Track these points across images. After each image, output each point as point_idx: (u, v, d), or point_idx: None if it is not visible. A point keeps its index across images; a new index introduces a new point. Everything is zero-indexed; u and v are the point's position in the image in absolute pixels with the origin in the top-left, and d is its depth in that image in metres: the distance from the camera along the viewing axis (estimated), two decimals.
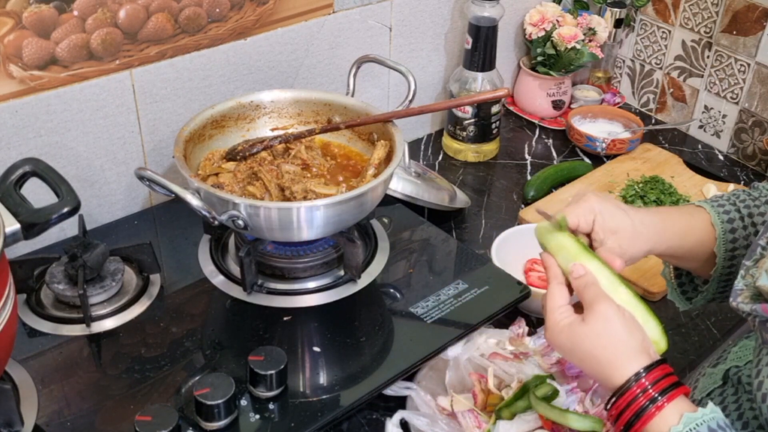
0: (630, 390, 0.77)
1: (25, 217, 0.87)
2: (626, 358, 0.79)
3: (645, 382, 0.77)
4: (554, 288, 0.85)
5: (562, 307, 0.83)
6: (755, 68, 1.60)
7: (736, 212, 0.98)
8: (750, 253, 0.85)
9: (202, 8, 1.23)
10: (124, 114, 1.23)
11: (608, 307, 0.80)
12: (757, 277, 0.81)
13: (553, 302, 0.84)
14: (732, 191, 1.02)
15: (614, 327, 0.79)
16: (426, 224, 1.30)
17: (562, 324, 0.82)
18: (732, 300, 0.82)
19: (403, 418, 0.98)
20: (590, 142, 1.64)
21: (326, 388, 1.00)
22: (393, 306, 1.14)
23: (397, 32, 1.53)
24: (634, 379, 0.77)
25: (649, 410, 0.76)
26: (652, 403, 0.76)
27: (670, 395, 0.76)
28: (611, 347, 0.79)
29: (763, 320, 0.79)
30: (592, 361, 0.80)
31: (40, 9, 1.08)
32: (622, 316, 0.80)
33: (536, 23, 1.69)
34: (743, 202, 0.99)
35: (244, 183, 1.13)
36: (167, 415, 0.89)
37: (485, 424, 0.97)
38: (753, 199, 1.00)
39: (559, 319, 0.82)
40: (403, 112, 1.19)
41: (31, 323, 1.07)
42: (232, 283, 1.14)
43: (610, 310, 0.80)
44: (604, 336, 0.79)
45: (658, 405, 0.76)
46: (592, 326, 0.80)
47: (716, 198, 1.01)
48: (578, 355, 0.81)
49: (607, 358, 0.79)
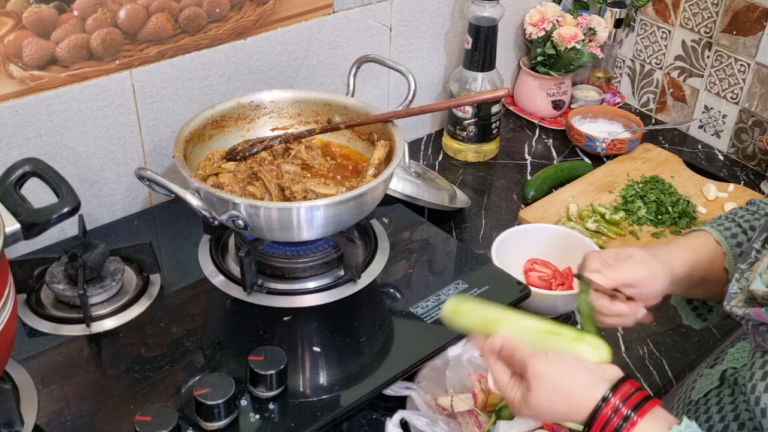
0: (601, 413, 0.77)
1: (25, 217, 0.87)
2: (582, 395, 0.79)
3: (615, 402, 0.77)
4: (493, 369, 0.86)
5: (509, 384, 0.84)
6: (755, 68, 1.60)
7: (737, 227, 0.99)
8: (744, 256, 0.85)
9: (202, 8, 1.23)
10: (124, 114, 1.23)
11: (538, 365, 0.80)
12: (751, 280, 0.81)
13: (500, 382, 0.85)
14: (729, 210, 1.04)
15: (555, 379, 0.80)
16: (426, 224, 1.30)
17: (517, 400, 0.82)
18: (726, 304, 0.83)
19: (403, 418, 0.98)
20: (590, 142, 1.64)
21: (326, 388, 1.00)
22: (393, 306, 1.14)
23: (397, 32, 1.53)
24: (603, 403, 0.77)
25: (623, 429, 0.76)
26: (625, 422, 0.76)
27: (641, 410, 0.76)
28: (563, 395, 0.79)
29: (756, 324, 0.79)
30: (559, 415, 0.81)
31: (40, 9, 1.08)
32: (553, 362, 0.81)
33: (536, 23, 1.69)
34: (742, 218, 1.00)
35: (244, 183, 1.13)
36: (167, 415, 0.89)
37: (485, 424, 0.97)
38: (751, 213, 1.01)
39: (512, 396, 0.83)
40: (403, 112, 1.19)
41: (31, 323, 1.07)
42: (232, 283, 1.14)
43: (541, 366, 0.80)
44: (551, 390, 0.80)
45: (632, 422, 0.76)
46: (537, 390, 0.80)
47: (715, 219, 1.03)
48: (547, 417, 0.83)
49: (568, 404, 0.79)
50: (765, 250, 0.84)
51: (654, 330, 1.23)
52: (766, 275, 0.80)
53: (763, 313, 0.77)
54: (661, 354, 1.19)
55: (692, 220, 1.45)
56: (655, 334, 1.22)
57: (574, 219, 1.43)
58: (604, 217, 1.44)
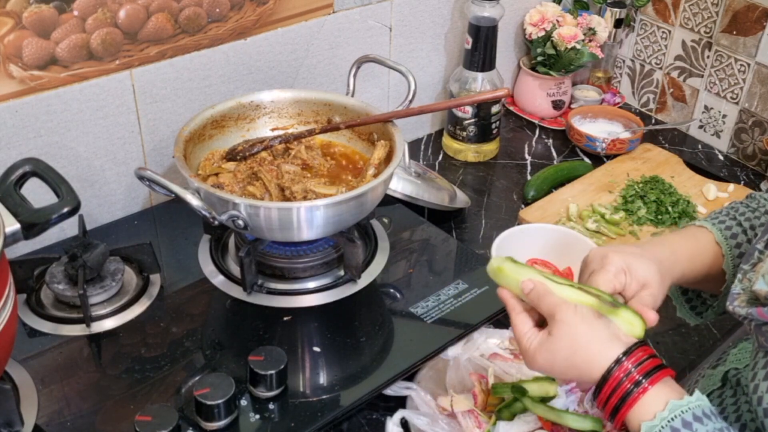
0: (613, 375, 0.77)
1: (25, 217, 0.87)
2: (600, 351, 0.79)
3: (628, 366, 0.77)
4: (515, 319, 0.85)
5: (528, 332, 0.84)
6: (755, 68, 1.60)
7: (738, 226, 0.98)
8: (747, 257, 0.85)
9: (202, 8, 1.23)
10: (124, 114, 1.23)
11: (566, 312, 0.80)
12: (754, 281, 0.81)
13: (519, 331, 0.84)
14: (730, 204, 1.03)
15: (578, 329, 0.80)
16: (426, 224, 1.30)
17: (533, 346, 0.82)
18: (729, 304, 0.82)
19: (403, 418, 0.98)
20: (590, 142, 1.64)
21: (326, 388, 1.00)
22: (393, 306, 1.14)
23: (397, 32, 1.53)
24: (615, 365, 0.77)
25: (633, 394, 0.76)
26: (636, 387, 0.76)
27: (653, 378, 0.77)
28: (583, 347, 0.79)
29: (759, 324, 0.79)
30: (571, 368, 0.80)
31: (40, 9, 1.08)
32: (581, 314, 0.80)
33: (536, 23, 1.69)
34: (743, 215, 1.00)
35: (244, 183, 1.13)
36: (167, 415, 0.89)
37: (485, 424, 0.97)
38: (752, 210, 1.00)
39: (528, 343, 0.83)
40: (403, 112, 1.19)
41: (31, 323, 1.07)
42: (232, 283, 1.14)
43: (568, 314, 0.80)
44: (572, 340, 0.79)
45: (642, 389, 0.76)
46: (558, 336, 0.80)
47: (715, 215, 1.01)
48: (558, 368, 0.82)
49: (583, 358, 0.79)
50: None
51: (654, 330, 1.23)
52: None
53: (766, 313, 0.77)
54: (661, 354, 1.19)
55: (692, 220, 1.44)
56: (655, 334, 1.22)
57: (574, 219, 1.43)
58: (604, 217, 1.44)
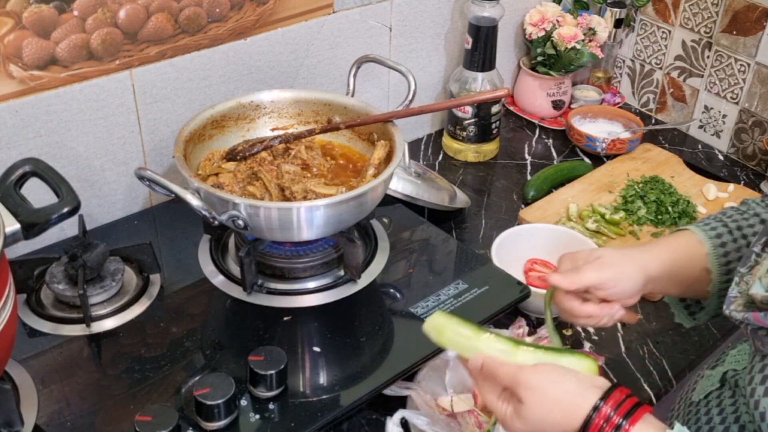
0: (593, 423, 0.77)
1: (25, 217, 0.87)
2: (576, 403, 0.78)
3: (607, 411, 0.77)
4: (481, 386, 0.85)
5: (499, 399, 0.83)
6: (755, 68, 1.60)
7: (723, 227, 0.98)
8: (744, 260, 0.85)
9: (202, 8, 1.23)
10: (124, 114, 1.23)
11: (527, 376, 0.80)
12: (750, 284, 0.81)
13: (489, 402, 0.84)
14: (720, 210, 1.03)
15: (545, 389, 0.79)
16: (426, 224, 1.30)
17: (509, 415, 0.82)
18: (725, 308, 0.82)
19: (403, 417, 0.98)
20: (590, 142, 1.64)
21: (326, 388, 1.00)
22: (393, 306, 1.14)
23: (397, 32, 1.53)
24: (594, 412, 0.77)
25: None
26: (617, 430, 0.76)
27: (632, 418, 0.76)
28: (557, 404, 0.79)
29: (755, 328, 0.78)
30: (552, 426, 0.80)
31: (40, 9, 1.08)
32: (543, 374, 0.80)
33: (536, 23, 1.69)
34: (730, 217, 1.00)
35: (244, 183, 1.13)
36: (167, 415, 0.89)
37: (485, 424, 0.97)
38: (741, 213, 1.00)
39: (503, 412, 0.82)
40: (403, 112, 1.19)
41: (31, 323, 1.07)
42: (232, 283, 1.14)
43: (530, 378, 0.80)
44: (543, 401, 0.79)
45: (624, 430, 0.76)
46: (528, 402, 0.79)
47: (702, 220, 1.02)
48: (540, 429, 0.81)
49: (561, 414, 0.79)
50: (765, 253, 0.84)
51: (654, 330, 1.23)
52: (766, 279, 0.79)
53: (762, 318, 0.76)
54: (661, 354, 1.19)
55: (692, 220, 1.44)
56: (655, 334, 1.22)
57: (574, 219, 1.43)
58: (604, 217, 1.44)
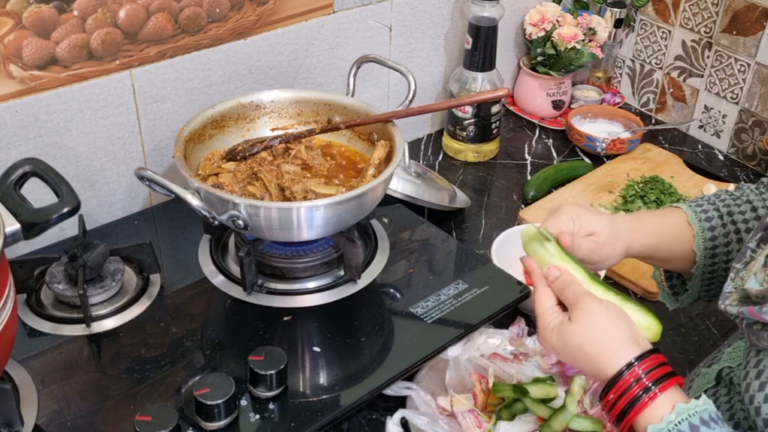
0: (623, 379, 0.77)
1: (25, 217, 0.87)
2: (616, 350, 0.79)
3: (638, 371, 0.77)
4: (541, 291, 0.86)
5: (551, 309, 0.84)
6: (755, 68, 1.60)
7: (715, 211, 0.99)
8: (740, 255, 0.85)
9: (202, 8, 1.23)
10: (124, 114, 1.23)
11: (591, 303, 0.81)
12: (746, 279, 0.81)
13: (542, 305, 0.85)
14: (715, 192, 1.04)
15: (599, 320, 0.80)
16: (426, 224, 1.30)
17: (552, 325, 0.83)
18: (721, 303, 0.83)
19: (403, 417, 0.98)
20: (590, 142, 1.64)
21: (326, 388, 1.00)
22: (393, 306, 1.14)
23: (397, 32, 1.53)
24: (627, 369, 0.78)
25: (642, 400, 0.76)
26: (645, 393, 0.76)
27: (663, 385, 0.77)
28: (599, 341, 0.80)
29: (750, 323, 0.79)
30: (583, 357, 0.81)
31: (40, 9, 1.08)
32: (605, 308, 0.81)
33: (536, 23, 1.69)
34: (723, 201, 1.01)
35: (244, 183, 1.13)
36: (167, 415, 0.89)
37: (486, 424, 0.97)
38: (734, 198, 1.01)
39: (549, 320, 0.83)
40: (403, 112, 1.19)
41: (31, 323, 1.07)
42: (232, 283, 1.14)
43: (593, 305, 0.81)
44: (591, 331, 0.80)
45: (651, 395, 0.76)
46: (578, 323, 0.81)
47: (695, 199, 1.02)
48: (570, 353, 0.82)
49: (597, 352, 0.80)
50: (760, 249, 0.84)
51: None
52: (761, 274, 0.80)
53: (756, 312, 0.77)
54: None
55: None
56: None
57: None
58: None
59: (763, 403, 0.75)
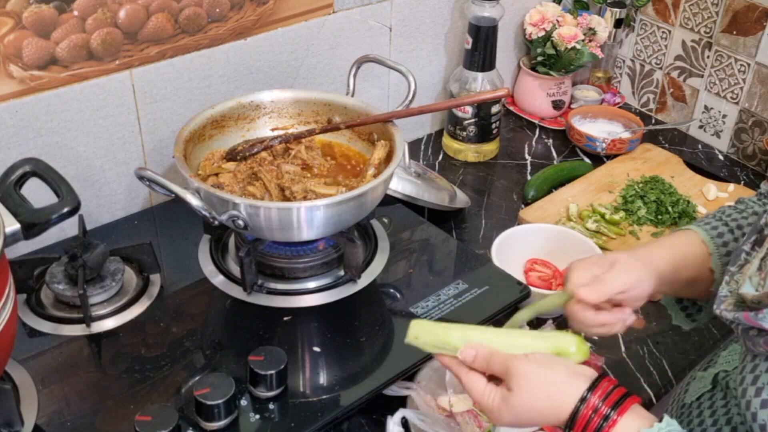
0: (581, 414, 0.77)
1: (25, 217, 0.87)
2: (563, 391, 0.78)
3: (594, 401, 0.77)
4: (466, 380, 0.84)
5: (486, 390, 0.82)
6: (755, 68, 1.60)
7: (724, 226, 0.98)
8: (734, 258, 0.84)
9: (202, 8, 1.23)
10: (124, 114, 1.23)
11: (519, 364, 0.80)
12: (741, 283, 0.80)
13: (476, 392, 0.83)
14: (718, 209, 1.03)
15: (536, 376, 0.79)
16: (426, 224, 1.30)
17: (496, 404, 0.81)
18: (716, 308, 0.81)
19: (404, 417, 0.98)
20: (590, 142, 1.64)
21: (326, 388, 1.00)
22: (393, 306, 1.14)
23: (397, 32, 1.53)
24: (581, 403, 0.77)
25: (603, 429, 0.76)
26: (605, 421, 0.76)
27: (621, 408, 0.76)
28: (546, 394, 0.79)
29: (746, 328, 0.77)
30: (539, 415, 0.80)
31: (40, 9, 1.08)
32: (535, 362, 0.80)
33: (536, 23, 1.69)
34: (729, 216, 1.00)
35: (244, 183, 1.13)
36: (167, 415, 0.89)
37: (485, 424, 0.97)
38: (739, 212, 1.00)
39: (490, 402, 0.82)
40: (403, 112, 1.19)
41: (31, 323, 1.07)
42: (232, 283, 1.14)
43: (521, 366, 0.80)
44: (534, 389, 0.79)
45: (612, 421, 0.76)
46: (518, 389, 0.79)
47: (701, 219, 1.02)
48: (526, 418, 0.81)
49: (549, 404, 0.79)
50: (754, 252, 0.83)
51: (654, 330, 1.23)
52: (756, 278, 0.79)
53: (752, 318, 0.75)
54: (661, 354, 1.19)
55: (692, 220, 1.44)
56: (655, 334, 1.22)
57: (574, 219, 1.43)
58: (604, 217, 1.44)
59: (759, 409, 0.75)
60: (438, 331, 0.86)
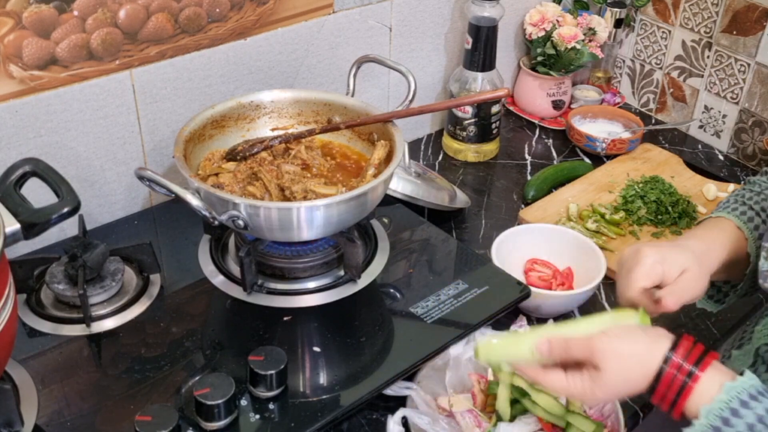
0: (665, 373, 0.79)
1: (25, 217, 0.87)
2: (648, 356, 0.80)
3: (677, 360, 0.79)
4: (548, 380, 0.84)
5: (570, 381, 0.83)
6: (755, 68, 1.60)
7: (750, 210, 1.01)
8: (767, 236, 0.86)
9: (202, 8, 1.23)
10: (124, 114, 1.23)
11: (599, 342, 0.81)
12: None
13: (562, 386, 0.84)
14: (734, 192, 1.04)
15: (619, 348, 0.81)
16: (426, 224, 1.30)
17: (587, 387, 0.82)
18: (762, 281, 0.84)
19: (404, 417, 0.98)
20: (590, 142, 1.64)
21: (326, 388, 1.00)
22: (393, 306, 1.14)
23: (397, 32, 1.53)
24: (665, 363, 0.79)
25: (688, 384, 0.78)
26: (689, 378, 0.78)
27: (702, 364, 0.78)
28: (632, 361, 0.80)
29: None
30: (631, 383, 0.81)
31: (40, 9, 1.08)
32: (614, 336, 0.81)
33: (536, 23, 1.69)
34: (750, 199, 1.02)
35: (244, 183, 1.13)
36: (167, 415, 0.89)
37: (485, 424, 0.97)
38: (757, 194, 1.03)
39: (580, 389, 0.82)
40: (403, 112, 1.19)
41: (31, 323, 1.07)
42: (232, 283, 1.14)
43: (603, 342, 0.81)
44: (620, 361, 0.80)
45: (695, 377, 0.78)
46: (606, 366, 0.80)
47: (725, 204, 1.03)
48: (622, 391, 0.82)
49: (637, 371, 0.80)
50: None
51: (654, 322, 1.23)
52: None
53: None
54: None
55: (692, 220, 1.44)
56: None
57: (574, 219, 1.43)
58: (604, 217, 1.44)
59: None
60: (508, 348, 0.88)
